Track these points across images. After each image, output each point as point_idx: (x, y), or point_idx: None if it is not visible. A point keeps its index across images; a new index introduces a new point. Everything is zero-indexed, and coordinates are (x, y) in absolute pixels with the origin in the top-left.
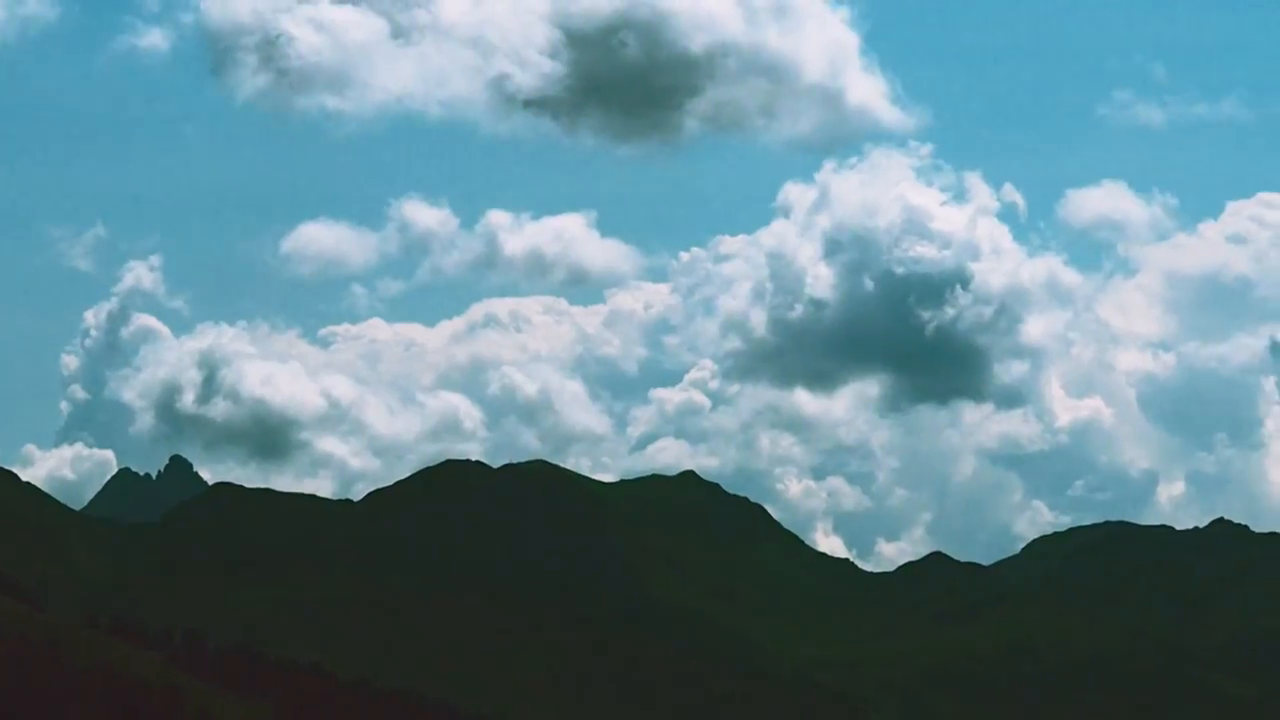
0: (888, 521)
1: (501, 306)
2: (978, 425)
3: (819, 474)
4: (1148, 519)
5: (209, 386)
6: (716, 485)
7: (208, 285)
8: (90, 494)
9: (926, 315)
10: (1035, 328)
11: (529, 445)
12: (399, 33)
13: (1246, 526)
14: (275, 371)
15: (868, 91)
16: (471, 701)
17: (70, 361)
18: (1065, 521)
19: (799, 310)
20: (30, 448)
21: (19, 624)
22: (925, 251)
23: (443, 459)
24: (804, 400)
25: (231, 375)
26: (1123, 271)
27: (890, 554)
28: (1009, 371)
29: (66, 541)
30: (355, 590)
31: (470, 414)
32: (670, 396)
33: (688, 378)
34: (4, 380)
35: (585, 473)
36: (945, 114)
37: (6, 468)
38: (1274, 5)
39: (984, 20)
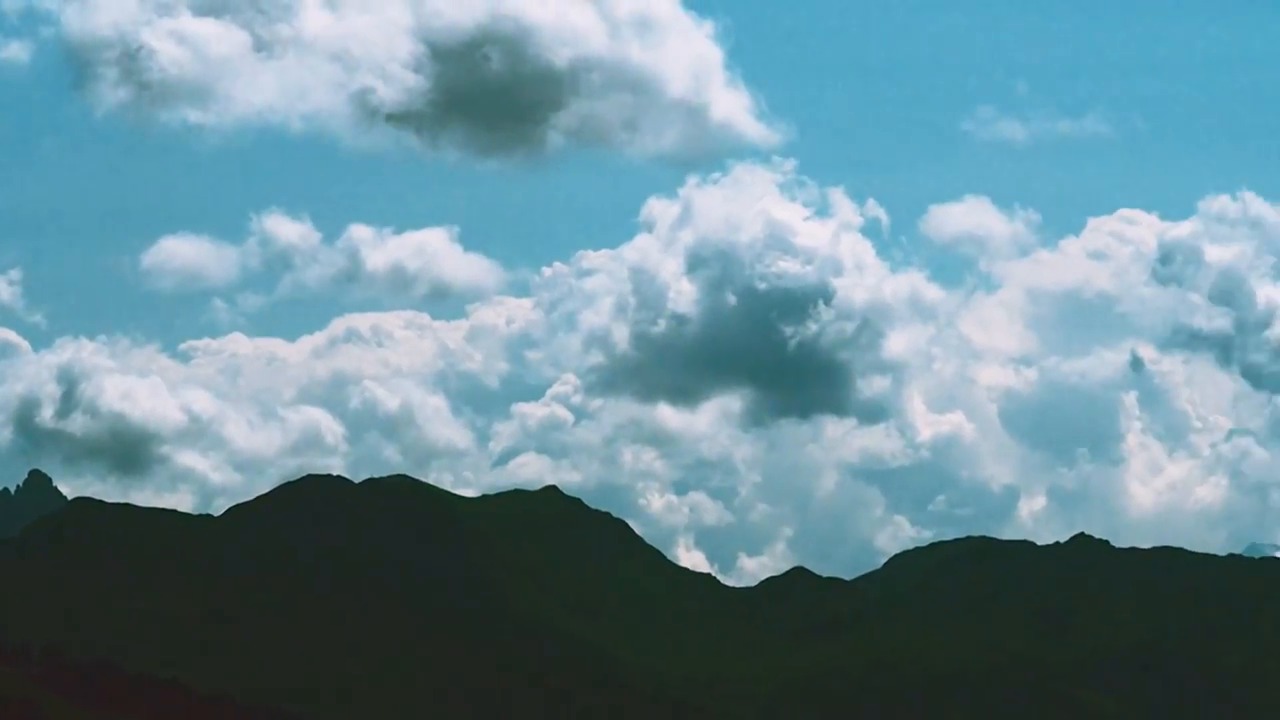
0: (750, 536)
1: (363, 321)
2: (840, 440)
3: (681, 489)
4: (1009, 534)
5: (68, 401)
6: (579, 500)
7: (67, 299)
8: None
9: (789, 330)
10: (897, 343)
11: (391, 460)
12: (261, 46)
13: (1107, 541)
14: (135, 386)
15: (732, 106)
16: (331, 716)
17: None
18: (927, 536)
19: (662, 325)
20: None
21: None
22: (788, 267)
23: (304, 474)
24: (667, 415)
25: (91, 389)
26: (985, 287)
27: (752, 569)
28: (871, 386)
29: None
30: (216, 604)
31: (331, 429)
32: (532, 411)
33: (550, 393)
34: None
35: (447, 487)
36: (809, 129)
37: None
38: (1136, 23)
39: (848, 36)
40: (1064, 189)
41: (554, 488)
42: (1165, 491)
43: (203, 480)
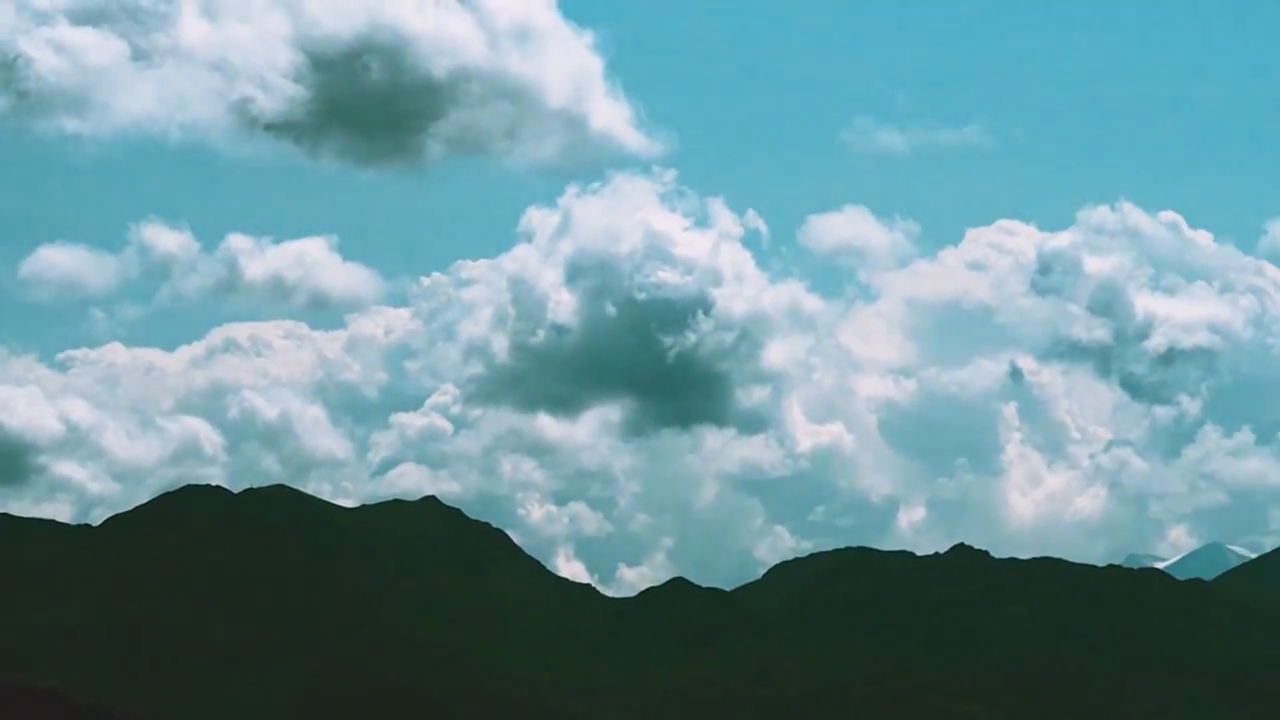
0: (629, 546)
1: (241, 331)
2: (719, 450)
3: (561, 499)
4: (889, 544)
5: None
6: (458, 510)
7: None
8: None
9: (669, 341)
10: (777, 353)
11: (270, 470)
12: (140, 55)
13: (987, 552)
14: (12, 395)
15: (612, 116)
16: None
17: None
18: (807, 547)
19: (541, 335)
20: None
21: None
22: (668, 277)
23: (183, 483)
24: (546, 425)
25: None
26: (864, 298)
27: (632, 579)
28: (750, 397)
29: None
30: (94, 614)
31: (210, 439)
32: (411, 421)
33: (429, 403)
34: None
35: (326, 497)
36: (690, 140)
37: None
38: (1015, 33)
39: (728, 46)
40: (943, 199)
41: (433, 498)
42: (1044, 502)
43: (81, 490)
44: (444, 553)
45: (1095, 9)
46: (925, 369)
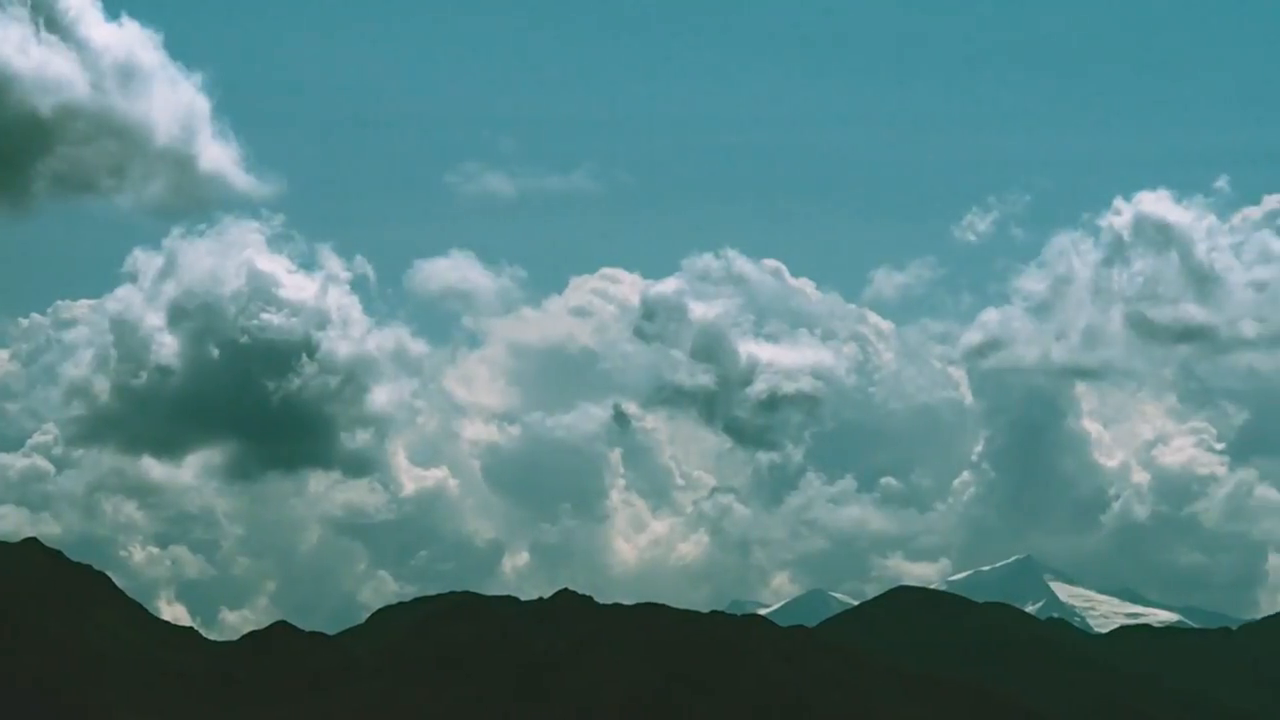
0: (232, 590)
1: None
2: (324, 494)
3: (163, 541)
4: (493, 589)
5: None
6: (59, 552)
7: None
8: None
9: (273, 384)
10: (381, 396)
11: None
12: None
13: (591, 598)
14: None
15: (220, 158)
16: None
17: None
18: (410, 591)
19: (144, 377)
20: None
21: None
22: (273, 320)
23: None
24: (150, 467)
25: None
26: (469, 343)
27: (234, 622)
28: (355, 440)
29: None
30: None
31: None
32: (11, 462)
33: (29, 443)
34: None
35: None
36: (298, 183)
37: None
38: (623, 82)
39: (338, 90)
40: (550, 245)
41: (34, 540)
42: (649, 548)
43: None
44: (44, 595)
45: (700, 60)
46: (530, 414)
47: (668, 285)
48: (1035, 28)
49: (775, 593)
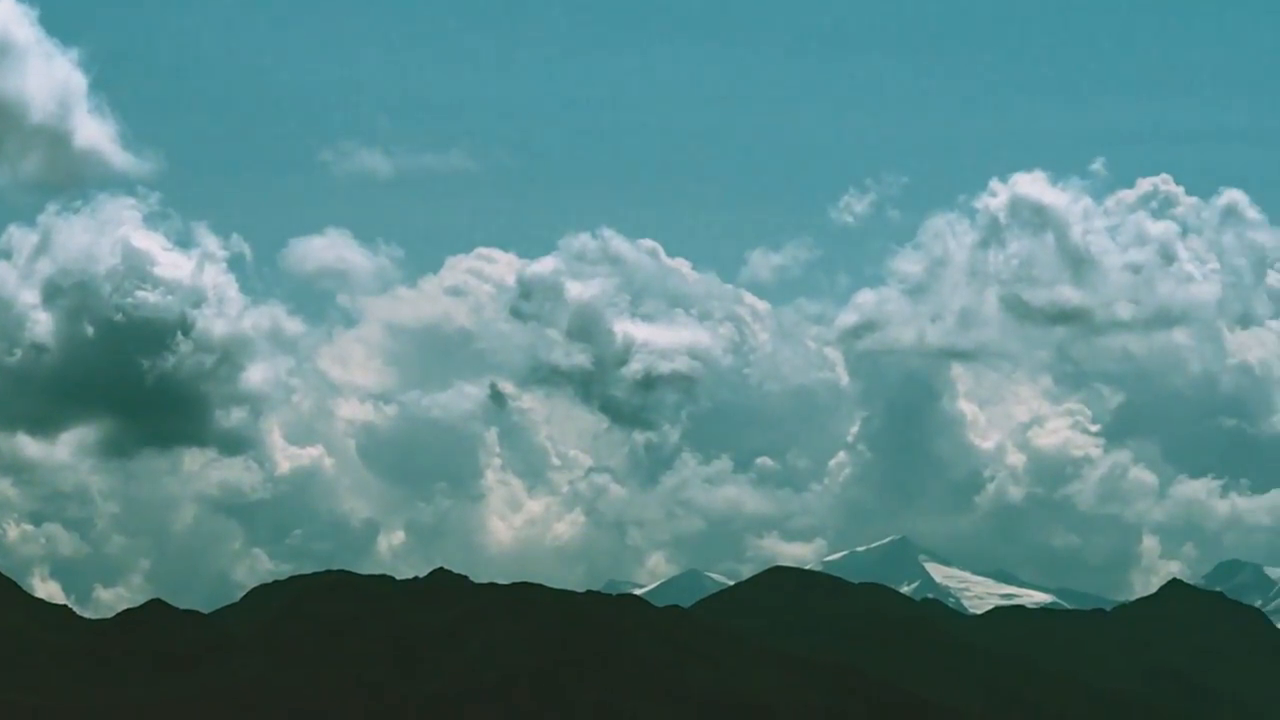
0: (106, 568)
1: None
2: (199, 473)
3: (37, 519)
4: (368, 568)
5: None
6: None
7: None
8: None
9: (148, 362)
10: (257, 375)
11: None
12: None
13: (466, 577)
14: None
15: (96, 134)
16: None
17: None
18: (285, 570)
19: (19, 355)
20: None
21: None
22: (148, 298)
23: None
24: (24, 444)
25: None
26: (345, 322)
27: (109, 600)
28: (230, 418)
29: None
30: None
31: None
32: None
33: None
34: None
35: None
36: (177, 160)
37: None
38: (501, 61)
39: (214, 67)
40: (427, 224)
41: None
42: (525, 527)
43: None
44: None
45: (577, 40)
46: (405, 393)
47: (544, 265)
48: (912, 10)
49: (651, 573)
